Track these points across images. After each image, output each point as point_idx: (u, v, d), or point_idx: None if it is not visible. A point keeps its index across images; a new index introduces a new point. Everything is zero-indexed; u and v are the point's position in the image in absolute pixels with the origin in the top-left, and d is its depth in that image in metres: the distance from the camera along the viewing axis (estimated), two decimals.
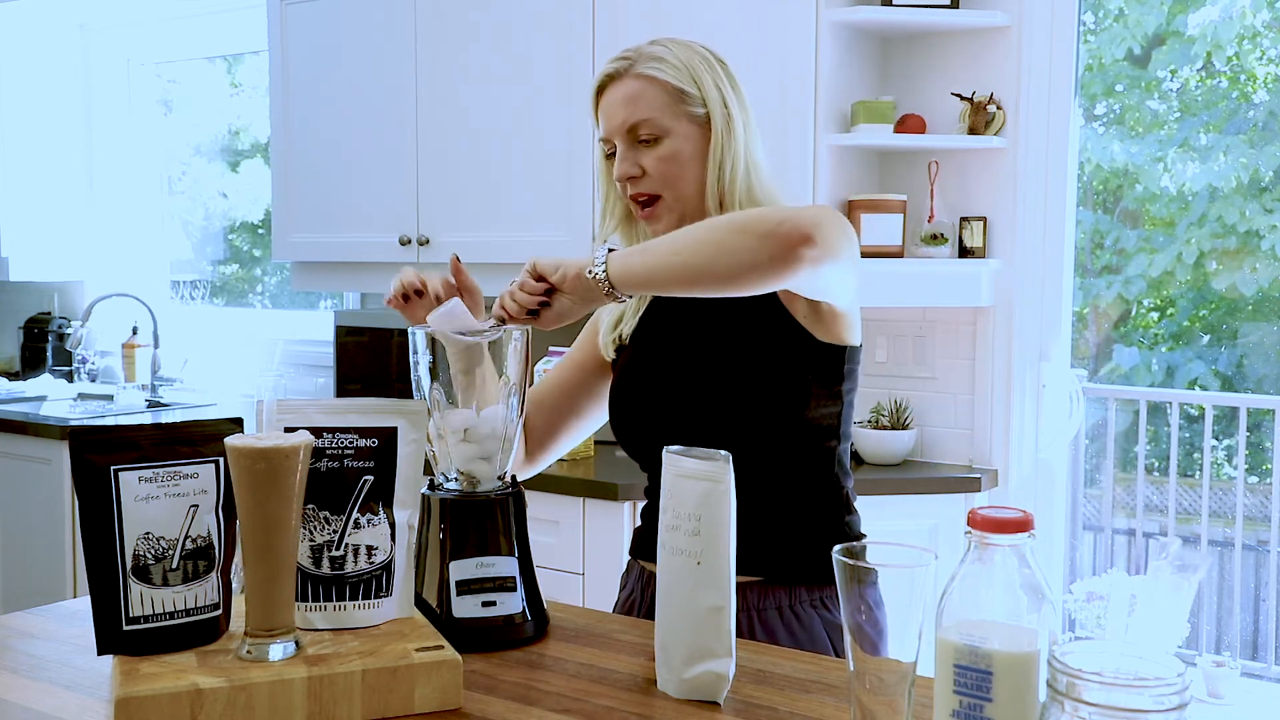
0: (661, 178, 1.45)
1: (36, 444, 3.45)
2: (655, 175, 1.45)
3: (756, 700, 1.10)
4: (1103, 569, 4.36)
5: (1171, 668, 0.72)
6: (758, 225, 1.25)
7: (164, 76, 4.49)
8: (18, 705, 1.07)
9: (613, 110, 1.46)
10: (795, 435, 1.42)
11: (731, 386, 1.42)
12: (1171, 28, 5.45)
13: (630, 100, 1.44)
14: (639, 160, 1.45)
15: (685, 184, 1.45)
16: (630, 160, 1.45)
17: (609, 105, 1.46)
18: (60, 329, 4.38)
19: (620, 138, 1.45)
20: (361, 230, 3.27)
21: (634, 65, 1.45)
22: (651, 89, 1.44)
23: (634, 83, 1.44)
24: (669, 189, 1.45)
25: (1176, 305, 5.86)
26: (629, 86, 1.45)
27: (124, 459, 1.07)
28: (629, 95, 1.44)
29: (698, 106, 1.44)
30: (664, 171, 1.44)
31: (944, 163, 2.82)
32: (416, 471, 1.20)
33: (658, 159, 1.44)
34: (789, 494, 1.44)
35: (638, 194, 1.46)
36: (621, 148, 1.46)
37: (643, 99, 1.44)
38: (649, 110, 1.43)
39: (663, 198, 1.45)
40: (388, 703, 1.05)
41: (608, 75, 1.46)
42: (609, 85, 1.46)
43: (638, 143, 1.45)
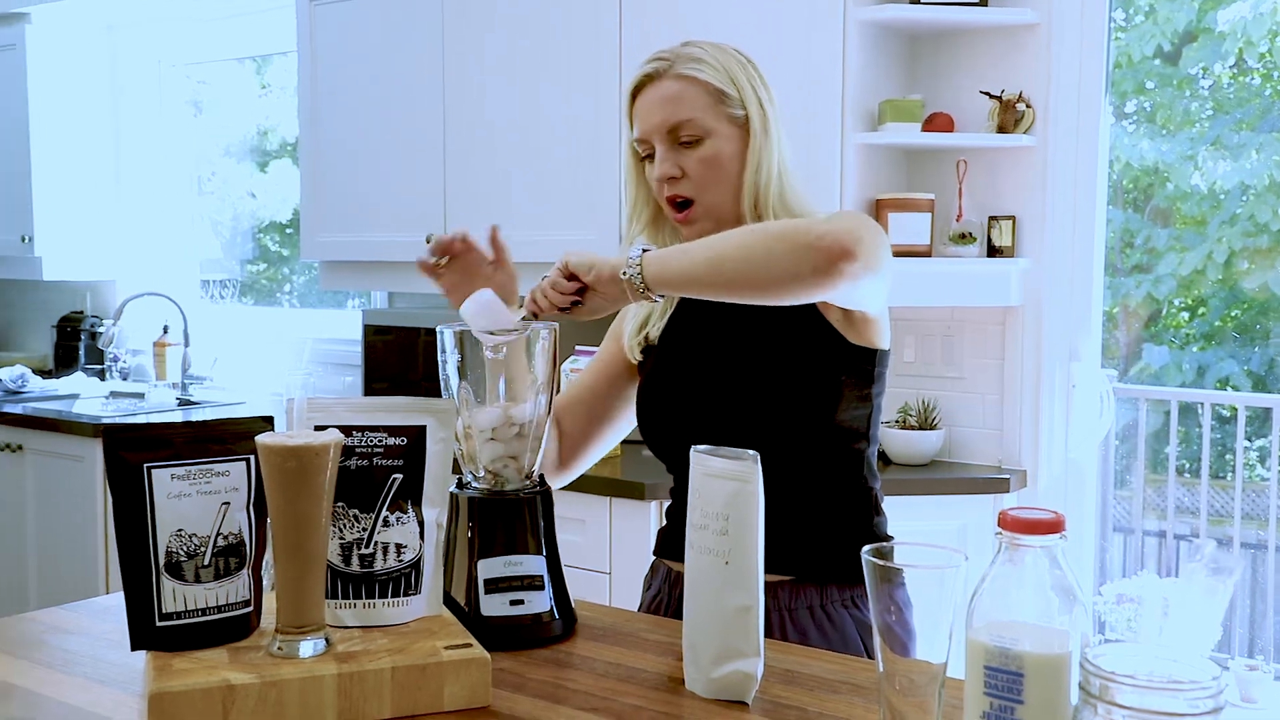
0: (701, 180, 1.43)
1: (70, 441, 3.49)
2: (695, 177, 1.43)
3: (785, 700, 1.10)
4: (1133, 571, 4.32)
5: (1206, 671, 0.72)
6: (799, 236, 1.25)
7: (193, 78, 4.53)
8: (53, 700, 1.08)
9: (652, 110, 1.43)
10: (825, 437, 1.42)
11: (763, 388, 1.41)
12: (1202, 24, 5.39)
13: (671, 100, 1.42)
14: (679, 162, 1.43)
15: (724, 187, 1.44)
16: (671, 161, 1.43)
17: (647, 106, 1.44)
18: (93, 328, 4.42)
19: (660, 138, 1.43)
20: (389, 230, 3.29)
21: (673, 65, 1.43)
22: (693, 89, 1.42)
23: (674, 83, 1.42)
24: (707, 191, 1.44)
25: (1208, 305, 5.80)
26: (669, 87, 1.43)
27: (157, 456, 1.08)
28: (670, 95, 1.42)
29: (737, 108, 1.43)
30: (704, 173, 1.43)
31: (972, 161, 2.81)
32: (445, 470, 1.20)
33: (699, 160, 1.43)
34: (819, 494, 1.44)
35: (675, 196, 1.44)
36: (661, 149, 1.43)
37: (684, 99, 1.42)
38: (691, 111, 1.42)
39: (699, 201, 1.44)
40: (417, 700, 1.06)
41: (646, 75, 1.44)
42: (647, 85, 1.44)
43: (678, 144, 1.43)
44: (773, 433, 1.40)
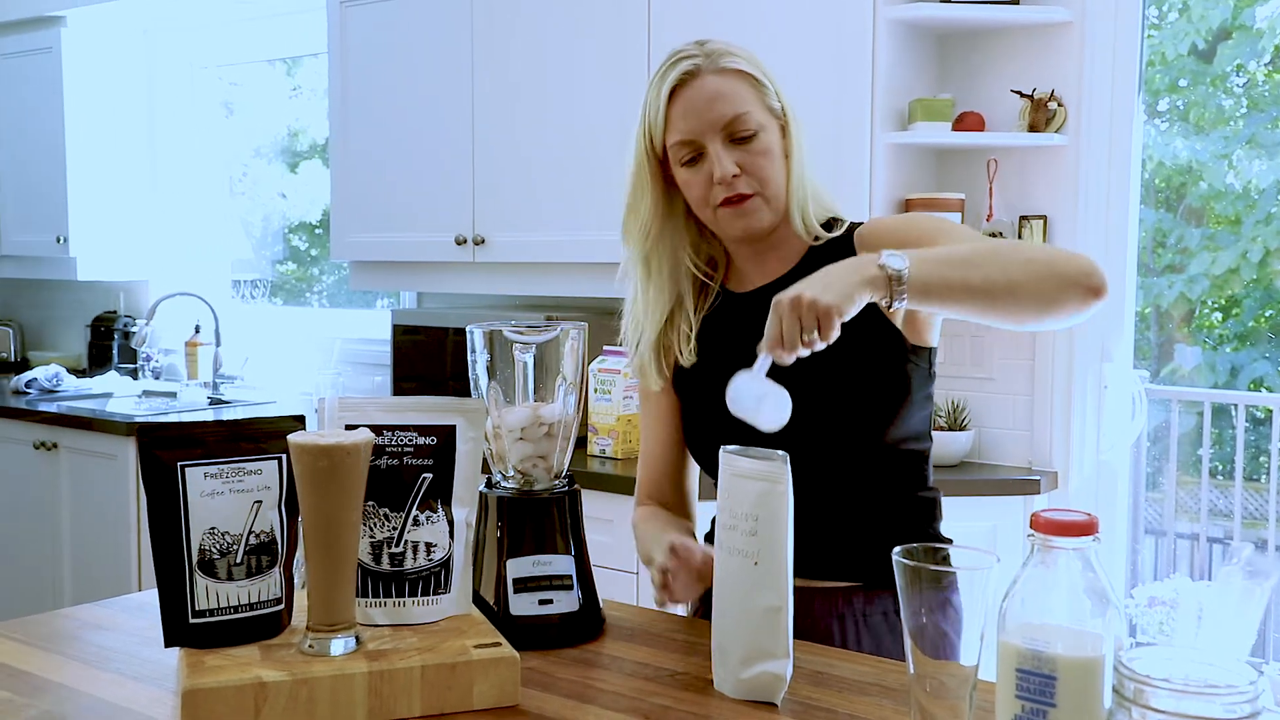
0: (759, 175, 1.37)
1: (103, 440, 3.53)
2: (754, 172, 1.36)
3: (814, 701, 1.09)
4: (1165, 574, 4.28)
5: (1243, 675, 0.71)
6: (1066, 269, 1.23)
7: (225, 79, 4.56)
8: (88, 695, 1.09)
9: (701, 108, 1.35)
10: (895, 439, 1.38)
11: (833, 394, 1.36)
12: (1238, 21, 5.33)
13: (721, 96, 1.35)
14: (737, 159, 1.35)
15: (779, 180, 1.39)
16: (728, 159, 1.35)
17: (693, 104, 1.35)
18: (126, 327, 4.47)
19: (713, 136, 1.35)
20: (418, 230, 3.31)
21: (710, 60, 1.36)
22: (739, 82, 1.36)
23: (718, 78, 1.36)
24: (767, 185, 1.38)
25: (1241, 305, 5.73)
26: (715, 82, 1.35)
27: (190, 455, 1.10)
28: (719, 91, 1.35)
29: (774, 99, 1.39)
30: (761, 167, 1.37)
31: (1003, 161, 2.79)
32: (475, 469, 1.21)
33: (755, 155, 1.36)
34: (889, 497, 1.40)
35: (735, 195, 1.36)
36: (715, 147, 1.35)
37: (736, 93, 1.35)
38: (744, 104, 1.35)
39: (759, 194, 1.38)
40: (446, 699, 1.06)
41: (686, 73, 1.36)
42: (688, 83, 1.36)
43: (730, 141, 1.36)
44: (844, 439, 1.36)
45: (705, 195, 1.38)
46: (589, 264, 2.99)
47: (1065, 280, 1.22)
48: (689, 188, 1.39)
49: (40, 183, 4.27)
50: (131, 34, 4.38)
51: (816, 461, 1.34)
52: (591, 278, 3.00)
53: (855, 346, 1.36)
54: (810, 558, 1.37)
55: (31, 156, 4.30)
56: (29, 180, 4.32)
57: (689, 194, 1.40)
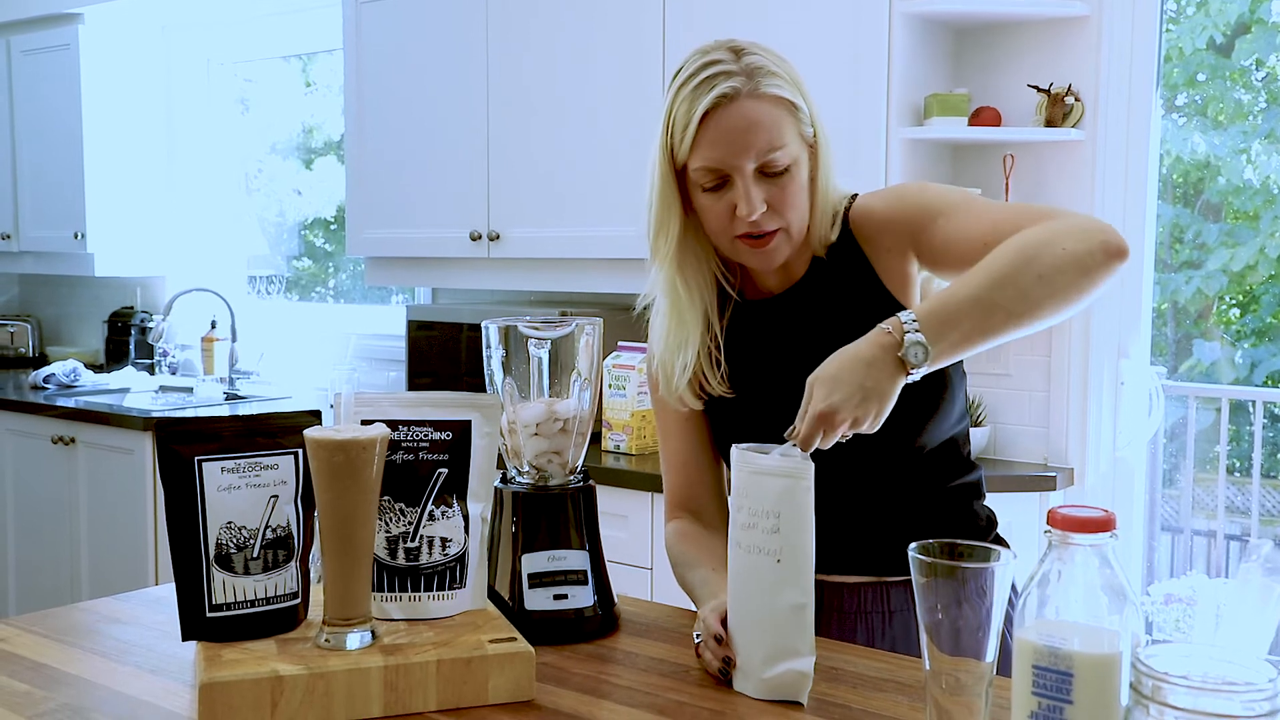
0: (787, 211, 1.28)
1: (120, 434, 3.55)
2: (781, 209, 1.28)
3: (830, 698, 1.09)
4: (1181, 571, 4.26)
5: (1262, 672, 0.70)
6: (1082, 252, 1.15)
7: (241, 76, 4.58)
8: (107, 688, 1.10)
9: (734, 137, 1.24)
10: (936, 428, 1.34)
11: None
12: (1256, 15, 5.29)
13: (758, 126, 1.24)
14: (767, 195, 1.27)
15: (803, 213, 1.31)
16: (758, 195, 1.26)
17: (726, 131, 1.24)
18: (142, 323, 4.49)
19: (744, 168, 1.25)
20: (433, 226, 3.31)
21: (750, 82, 1.25)
22: (776, 110, 1.25)
23: (756, 105, 1.24)
24: (793, 223, 1.30)
25: (1259, 301, 5.70)
26: (752, 109, 1.24)
27: (207, 450, 1.10)
28: (756, 120, 1.24)
29: (808, 124, 1.30)
30: (790, 205, 1.28)
31: (1020, 156, 2.77)
32: (490, 464, 1.21)
33: (785, 191, 1.27)
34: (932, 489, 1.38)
35: (759, 231, 1.28)
36: (745, 182, 1.25)
37: (771, 124, 1.25)
38: (781, 136, 1.25)
39: (783, 230, 1.29)
40: (461, 693, 1.06)
41: (723, 96, 1.24)
42: (723, 106, 1.24)
43: (761, 173, 1.26)
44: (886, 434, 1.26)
45: (725, 226, 1.30)
46: (604, 259, 2.99)
47: (1086, 265, 1.15)
48: (707, 214, 1.31)
49: (58, 179, 4.29)
50: (149, 31, 4.40)
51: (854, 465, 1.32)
52: (606, 273, 3.00)
53: None
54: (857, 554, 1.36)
55: (49, 153, 4.32)
56: (47, 176, 4.35)
57: (706, 220, 1.32)
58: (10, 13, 4.38)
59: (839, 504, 1.33)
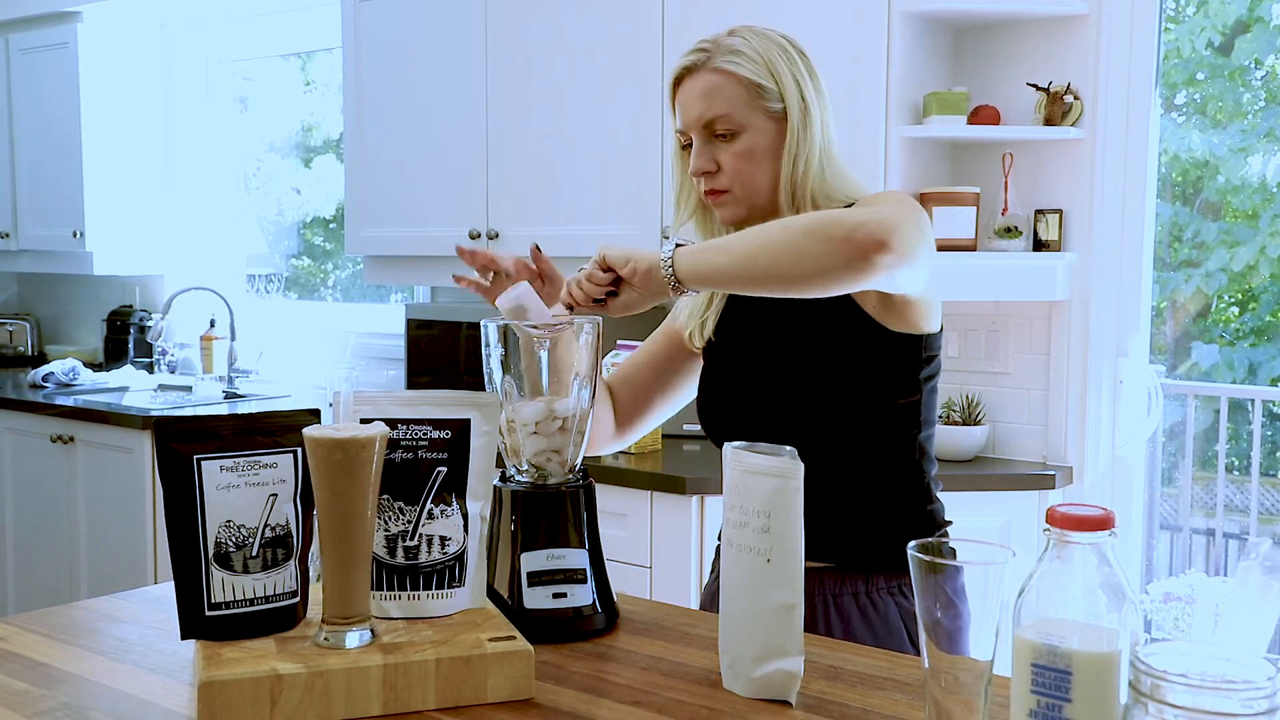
0: (736, 173, 1.44)
1: (119, 433, 3.55)
2: (729, 171, 1.44)
3: (828, 697, 1.09)
4: (1180, 569, 4.26)
5: (1261, 670, 0.70)
6: (832, 229, 1.22)
7: (240, 74, 4.58)
8: (106, 686, 1.10)
9: (689, 104, 1.44)
10: (874, 424, 1.42)
11: (809, 380, 1.42)
12: (1256, 15, 5.29)
13: (706, 95, 1.42)
14: (715, 155, 1.44)
15: (759, 179, 1.44)
16: (706, 155, 1.44)
17: (686, 98, 1.45)
18: (141, 321, 4.49)
19: (696, 132, 1.44)
20: (432, 224, 3.31)
21: (710, 58, 1.43)
22: (729, 84, 1.42)
23: (711, 76, 1.43)
24: (741, 184, 1.44)
25: (1259, 300, 5.70)
26: (706, 80, 1.43)
27: (206, 448, 1.10)
28: (706, 89, 1.43)
29: (774, 101, 1.43)
30: (739, 167, 1.43)
31: (1018, 154, 2.77)
32: (489, 463, 1.21)
33: (734, 155, 1.43)
34: (869, 482, 1.43)
35: (711, 189, 1.46)
36: (698, 142, 1.44)
37: (720, 94, 1.42)
38: (725, 106, 1.42)
39: (733, 191, 1.45)
40: (460, 692, 1.06)
41: (685, 68, 1.45)
42: (686, 78, 1.45)
43: (714, 137, 1.44)
44: (818, 422, 1.41)
45: (696, 182, 1.48)
46: None
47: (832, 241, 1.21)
48: (686, 169, 1.49)
49: (57, 177, 4.29)
50: (147, 29, 4.39)
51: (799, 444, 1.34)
52: None
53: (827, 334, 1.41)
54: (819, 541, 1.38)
55: (48, 151, 4.32)
56: (46, 175, 4.34)
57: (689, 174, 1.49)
58: (9, 11, 4.38)
59: None
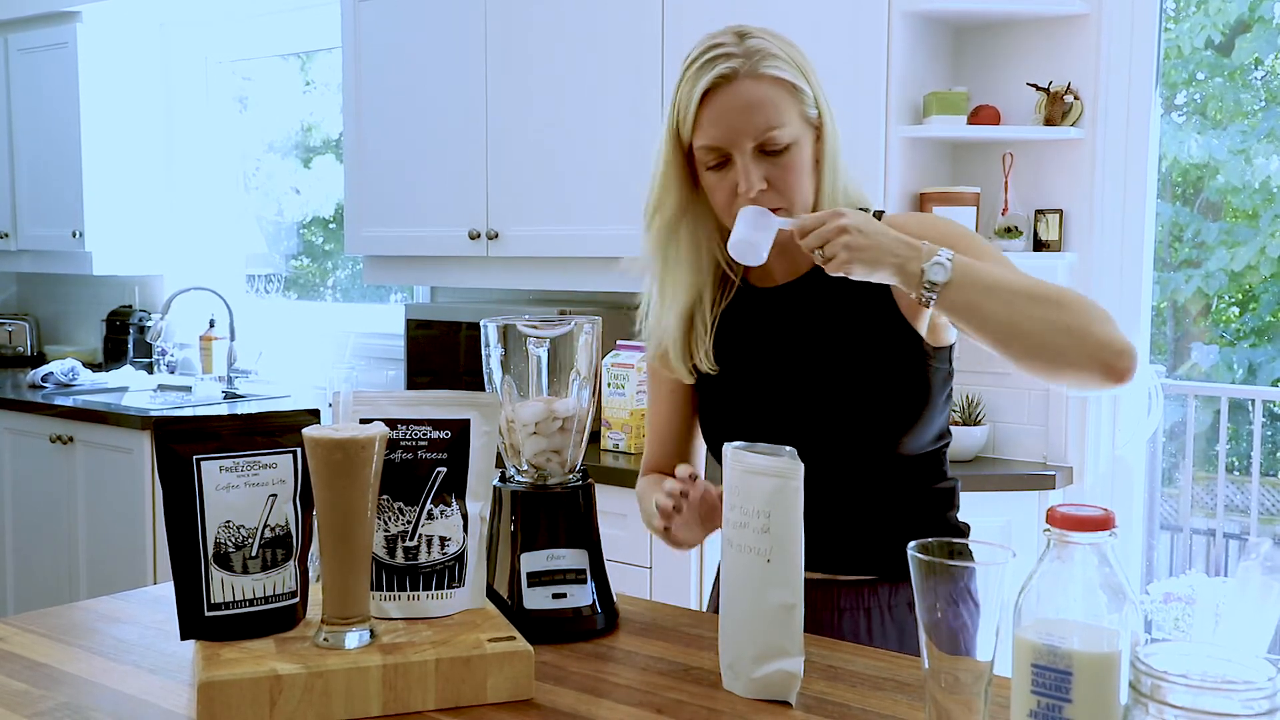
0: (788, 190, 1.31)
1: (119, 433, 3.54)
2: (784, 188, 1.31)
3: (828, 697, 1.09)
4: (1180, 570, 4.26)
5: (1261, 671, 0.70)
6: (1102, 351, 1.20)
7: (239, 74, 4.58)
8: (105, 687, 1.10)
9: (732, 117, 1.28)
10: (916, 436, 1.37)
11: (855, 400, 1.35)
12: (1256, 14, 5.29)
13: (756, 106, 1.28)
14: (766, 173, 1.30)
15: (808, 194, 1.33)
16: (758, 173, 1.29)
17: (725, 111, 1.28)
18: (141, 321, 4.49)
19: (743, 147, 1.29)
20: (432, 224, 3.31)
21: (748, 63, 1.29)
22: (775, 91, 1.29)
23: (754, 85, 1.28)
24: (794, 203, 1.32)
25: (1259, 300, 5.70)
26: (750, 89, 1.28)
27: (206, 449, 1.10)
28: (755, 100, 1.28)
29: (811, 106, 1.32)
30: (790, 184, 1.31)
31: (1019, 154, 2.77)
32: (489, 463, 1.21)
33: (786, 169, 1.30)
34: (909, 493, 1.40)
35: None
36: (745, 160, 1.29)
37: (770, 104, 1.28)
38: (778, 116, 1.28)
39: (784, 210, 1.31)
40: (460, 692, 1.06)
41: (721, 77, 1.28)
42: (722, 87, 1.28)
43: (760, 153, 1.29)
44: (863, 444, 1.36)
45: (728, 203, 1.32)
46: (602, 258, 2.99)
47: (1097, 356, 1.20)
48: (713, 192, 1.34)
49: (56, 177, 4.29)
50: (147, 29, 4.39)
51: (834, 462, 1.34)
52: (605, 272, 2.99)
53: (873, 351, 1.36)
54: (832, 552, 1.37)
55: (47, 151, 4.32)
56: (45, 175, 4.34)
57: (712, 198, 1.35)
58: (8, 11, 4.37)
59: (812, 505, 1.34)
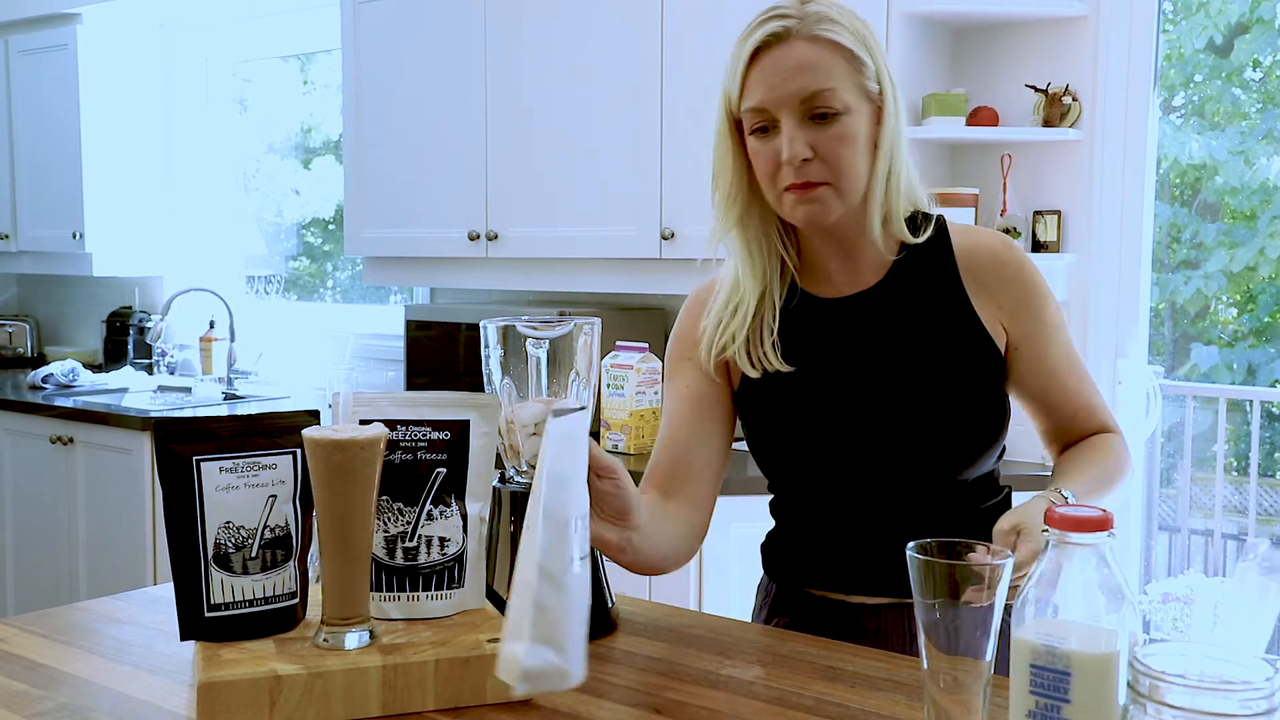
0: (836, 162, 1.23)
1: (119, 434, 3.54)
2: (831, 158, 1.23)
3: (828, 697, 1.09)
4: (1179, 570, 4.27)
5: (1259, 671, 0.70)
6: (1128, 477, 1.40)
7: (239, 75, 4.58)
8: (105, 687, 1.10)
9: (781, 76, 1.21)
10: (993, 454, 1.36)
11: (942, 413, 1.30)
12: (1255, 16, 5.29)
13: (807, 66, 1.21)
14: (811, 140, 1.22)
15: (860, 171, 1.25)
16: (801, 139, 1.22)
17: (774, 70, 1.22)
18: (141, 322, 4.49)
19: (789, 111, 1.22)
20: (431, 225, 3.31)
21: (804, 24, 1.22)
22: (830, 55, 1.22)
23: (807, 46, 1.22)
24: (842, 176, 1.24)
25: (1257, 301, 5.70)
26: (803, 50, 1.21)
27: (206, 450, 1.10)
28: (805, 60, 1.21)
29: (872, 80, 1.25)
30: (840, 155, 1.23)
31: (1017, 156, 2.78)
32: (488, 464, 1.21)
33: (834, 138, 1.22)
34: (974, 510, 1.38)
35: (803, 181, 1.23)
36: (790, 123, 1.22)
37: (822, 66, 1.21)
38: (829, 79, 1.21)
39: (830, 184, 1.24)
40: (460, 693, 1.06)
41: (773, 34, 1.22)
42: (773, 47, 1.22)
43: (808, 119, 1.22)
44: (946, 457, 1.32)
45: (772, 173, 1.25)
46: (602, 259, 2.99)
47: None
48: (756, 159, 1.27)
49: (56, 179, 4.29)
50: (147, 30, 4.39)
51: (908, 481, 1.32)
52: (605, 273, 3.00)
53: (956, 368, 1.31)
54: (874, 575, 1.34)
55: (47, 153, 4.32)
56: (45, 176, 4.34)
57: (756, 167, 1.27)
58: (8, 13, 4.38)
59: (872, 527, 1.33)
